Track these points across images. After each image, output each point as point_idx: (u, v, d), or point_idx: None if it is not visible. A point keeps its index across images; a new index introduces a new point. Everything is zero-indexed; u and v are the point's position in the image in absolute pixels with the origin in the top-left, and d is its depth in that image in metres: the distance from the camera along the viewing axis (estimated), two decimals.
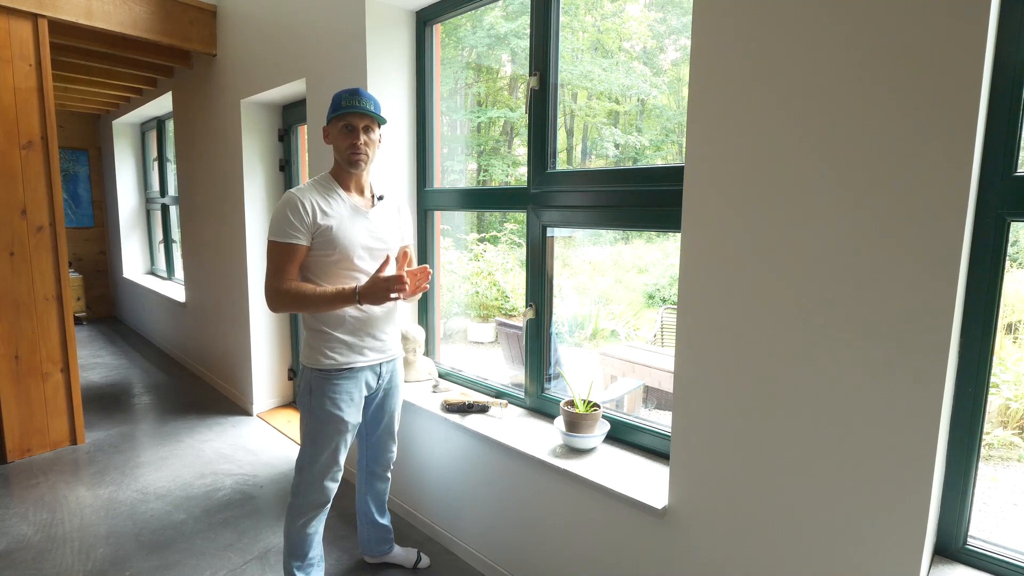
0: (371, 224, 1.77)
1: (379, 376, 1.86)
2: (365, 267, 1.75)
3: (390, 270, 1.73)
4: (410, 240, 1.98)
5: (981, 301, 1.16)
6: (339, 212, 1.71)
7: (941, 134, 1.04)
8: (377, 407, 1.93)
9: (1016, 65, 1.08)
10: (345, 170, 1.76)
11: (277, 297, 1.67)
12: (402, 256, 1.79)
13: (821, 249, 1.20)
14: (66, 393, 3.12)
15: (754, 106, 1.27)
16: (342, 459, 1.81)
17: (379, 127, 1.76)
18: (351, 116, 1.69)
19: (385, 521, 2.10)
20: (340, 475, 1.82)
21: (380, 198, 1.84)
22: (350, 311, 1.74)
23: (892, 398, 1.14)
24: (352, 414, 1.78)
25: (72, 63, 3.91)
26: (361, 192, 1.81)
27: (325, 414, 1.74)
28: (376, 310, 1.79)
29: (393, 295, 1.62)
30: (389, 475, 2.07)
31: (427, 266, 1.76)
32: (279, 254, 1.66)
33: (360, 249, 1.73)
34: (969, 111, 1.02)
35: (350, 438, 1.80)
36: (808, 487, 1.27)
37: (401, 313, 2.58)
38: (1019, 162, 1.11)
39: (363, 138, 1.71)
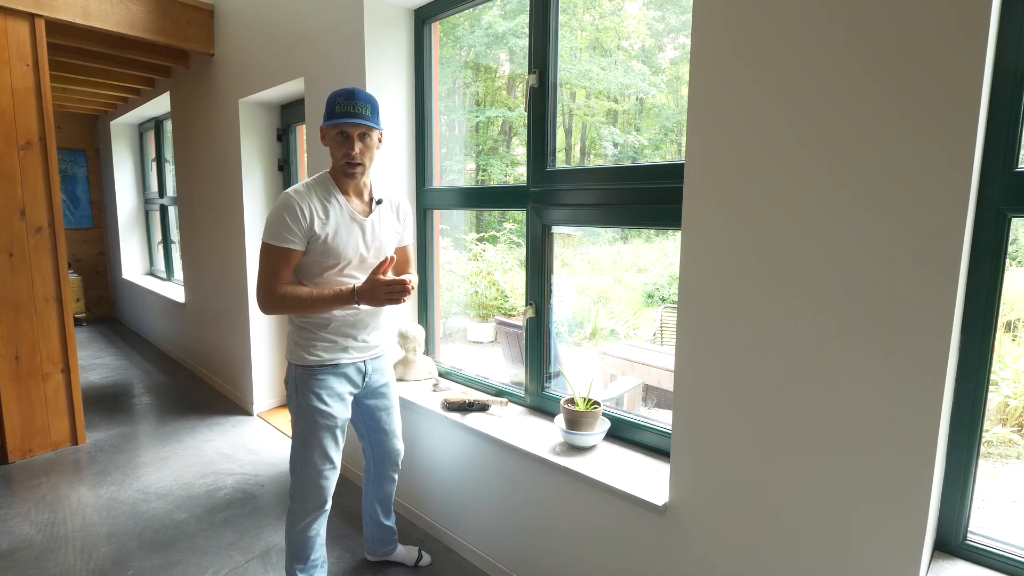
0: (367, 233, 1.75)
1: (364, 373, 1.84)
2: (357, 275, 1.74)
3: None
4: (409, 240, 1.96)
5: (981, 298, 1.16)
6: (336, 220, 1.68)
7: (941, 130, 1.05)
8: (372, 405, 1.92)
9: (1017, 61, 1.08)
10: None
11: (271, 300, 1.64)
12: (402, 261, 1.83)
13: (821, 246, 1.21)
14: (67, 394, 3.12)
15: (754, 103, 1.27)
16: (334, 456, 1.77)
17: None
18: (345, 124, 1.62)
19: (390, 522, 2.10)
20: (334, 474, 1.78)
21: (379, 202, 1.79)
22: (337, 311, 1.73)
23: (892, 395, 1.14)
24: (339, 409, 1.76)
25: (70, 63, 3.90)
26: (360, 195, 1.77)
27: (312, 409, 1.72)
28: (364, 310, 1.77)
29: (394, 300, 1.62)
30: (396, 475, 2.06)
31: (409, 278, 1.64)
32: (274, 257, 1.63)
33: (354, 258, 1.72)
34: (970, 107, 1.02)
35: (340, 434, 1.78)
36: (808, 483, 1.28)
37: (400, 312, 2.59)
38: (1020, 158, 1.11)
39: (359, 147, 1.64)
